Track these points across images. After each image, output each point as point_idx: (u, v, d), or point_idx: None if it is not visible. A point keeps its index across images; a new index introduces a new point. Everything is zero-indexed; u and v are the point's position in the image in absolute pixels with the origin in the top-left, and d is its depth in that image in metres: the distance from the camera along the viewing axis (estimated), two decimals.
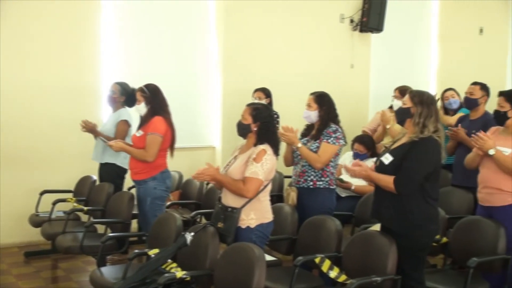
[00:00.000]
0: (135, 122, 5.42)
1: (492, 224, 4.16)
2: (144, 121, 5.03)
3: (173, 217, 4.36)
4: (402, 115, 3.77)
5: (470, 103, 5.50)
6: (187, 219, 5.39)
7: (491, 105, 5.00)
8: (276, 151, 3.94)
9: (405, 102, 3.76)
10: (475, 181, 4.43)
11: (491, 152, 4.15)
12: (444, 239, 4.45)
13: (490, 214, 4.28)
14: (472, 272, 3.87)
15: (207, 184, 6.08)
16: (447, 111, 6.35)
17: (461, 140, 5.38)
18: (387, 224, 3.78)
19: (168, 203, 5.96)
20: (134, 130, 5.28)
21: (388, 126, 5.89)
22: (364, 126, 6.86)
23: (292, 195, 4.75)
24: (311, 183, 4.70)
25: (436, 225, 3.77)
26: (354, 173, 3.78)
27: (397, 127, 5.22)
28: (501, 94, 4.41)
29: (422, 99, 3.68)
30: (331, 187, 4.76)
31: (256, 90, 6.74)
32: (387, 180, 3.64)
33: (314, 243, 4.25)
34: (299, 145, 4.66)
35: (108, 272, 4.24)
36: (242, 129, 3.97)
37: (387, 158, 3.72)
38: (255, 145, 3.91)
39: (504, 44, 9.33)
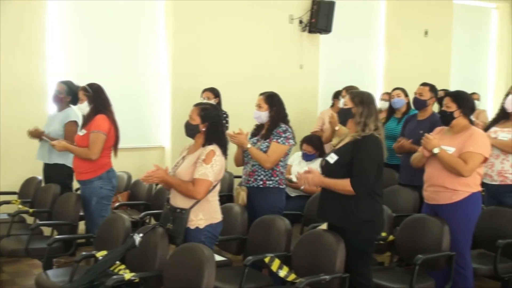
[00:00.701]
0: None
1: (437, 221, 4.25)
2: (87, 120, 4.98)
3: (121, 218, 4.30)
4: (344, 116, 3.89)
5: (419, 103, 5.60)
6: (136, 220, 5.33)
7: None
8: (224, 151, 3.95)
9: (346, 103, 3.89)
10: (421, 179, 4.52)
11: (436, 150, 4.25)
12: (391, 237, 4.53)
13: (436, 212, 4.38)
14: (418, 269, 3.95)
15: (156, 185, 6.03)
16: (393, 110, 6.44)
17: (408, 150, 5.42)
18: (335, 222, 3.85)
19: (117, 204, 5.90)
20: None
21: (337, 128, 5.95)
22: (314, 129, 6.92)
23: (242, 195, 4.76)
24: (261, 182, 4.72)
25: (382, 220, 3.92)
26: (307, 181, 3.81)
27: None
28: (448, 94, 4.51)
29: (362, 99, 3.81)
30: (281, 186, 4.79)
31: (205, 90, 6.72)
32: (343, 184, 3.71)
33: (264, 242, 4.26)
34: (249, 146, 4.67)
35: (55, 275, 4.16)
36: (190, 130, 3.96)
37: (332, 158, 3.82)
38: (204, 145, 3.90)
39: (447, 46, 9.56)
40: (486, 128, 4.93)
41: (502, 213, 4.72)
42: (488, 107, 9.67)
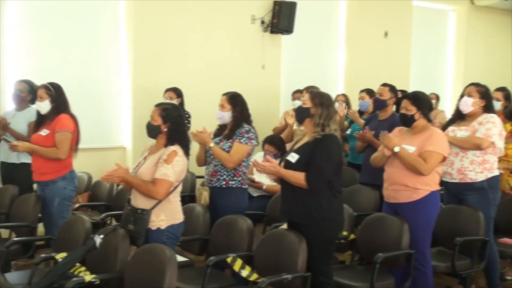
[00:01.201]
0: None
1: (397, 220, 4.31)
2: (47, 119, 4.90)
3: (81, 220, 4.25)
4: (301, 114, 3.94)
5: (379, 103, 5.69)
6: (97, 221, 5.27)
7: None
8: (186, 152, 3.93)
9: (305, 102, 3.92)
10: (382, 179, 4.57)
11: (396, 149, 4.30)
12: (352, 236, 4.58)
13: (396, 210, 4.43)
14: (378, 267, 3.99)
15: (117, 185, 5.97)
16: (361, 112, 6.57)
17: (368, 141, 5.55)
18: (297, 219, 3.88)
19: (77, 205, 5.81)
20: None
21: (291, 122, 6.03)
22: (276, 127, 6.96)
23: (204, 195, 4.74)
24: (224, 182, 4.71)
25: (342, 217, 3.98)
26: (263, 169, 3.85)
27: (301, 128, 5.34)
28: (406, 97, 4.55)
29: (322, 101, 3.87)
30: (244, 186, 4.80)
31: (167, 90, 6.68)
32: (298, 177, 3.76)
33: (226, 242, 4.26)
34: (212, 144, 4.66)
35: (13, 278, 4.08)
36: (152, 130, 3.93)
37: (293, 157, 3.87)
38: (166, 146, 3.88)
39: (407, 47, 9.70)
40: (443, 128, 5.02)
41: (460, 211, 4.81)
42: (446, 107, 9.83)
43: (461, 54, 10.53)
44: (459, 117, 4.95)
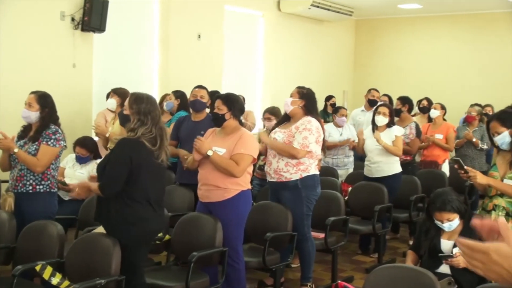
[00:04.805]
0: None
1: (210, 219, 4.41)
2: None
3: None
4: (124, 121, 3.93)
5: (201, 106, 5.74)
6: None
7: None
8: None
9: (125, 107, 3.91)
10: (197, 179, 4.65)
11: (209, 153, 4.40)
12: (167, 237, 4.60)
13: (209, 209, 4.54)
14: (193, 266, 4.05)
15: None
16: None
17: None
18: (105, 225, 3.85)
19: None
20: None
21: (107, 135, 5.83)
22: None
23: (9, 201, 4.49)
24: (31, 187, 4.49)
25: (147, 223, 3.84)
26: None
27: (116, 130, 5.25)
28: (218, 97, 4.69)
29: (139, 108, 3.80)
30: (53, 190, 4.61)
31: None
32: (95, 187, 3.78)
33: (35, 250, 4.06)
34: (16, 150, 4.42)
35: None
36: None
37: (96, 162, 3.83)
38: None
39: (220, 50, 9.93)
40: (272, 128, 5.27)
41: (271, 208, 5.05)
42: (256, 108, 10.23)
43: (270, 57, 11.03)
44: (285, 118, 5.19)
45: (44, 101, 4.56)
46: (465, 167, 3.99)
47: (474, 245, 1.47)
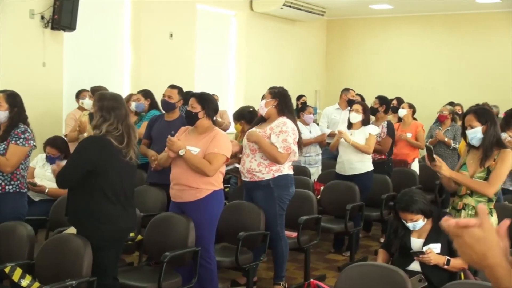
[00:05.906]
0: None
1: (182, 219, 4.40)
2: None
3: None
4: (91, 119, 3.99)
5: (168, 106, 5.70)
6: None
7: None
8: None
9: (92, 106, 3.93)
10: (169, 178, 4.62)
11: (182, 152, 4.38)
12: (140, 237, 4.57)
13: (182, 209, 4.52)
14: (166, 266, 4.03)
15: None
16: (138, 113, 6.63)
17: None
18: (74, 222, 3.86)
19: None
20: None
21: (86, 134, 5.77)
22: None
23: None
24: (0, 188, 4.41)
25: (117, 221, 3.81)
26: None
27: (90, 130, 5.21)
28: (193, 96, 4.68)
29: (103, 105, 3.79)
30: (22, 190, 4.53)
31: None
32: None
33: (5, 251, 3.99)
34: None
35: None
36: None
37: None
38: None
39: (192, 49, 9.90)
40: (249, 128, 5.27)
41: (243, 207, 5.05)
42: (229, 107, 10.22)
43: (243, 57, 11.03)
44: (262, 119, 5.19)
45: (13, 100, 4.49)
46: (434, 155, 4.04)
47: (458, 223, 1.51)
